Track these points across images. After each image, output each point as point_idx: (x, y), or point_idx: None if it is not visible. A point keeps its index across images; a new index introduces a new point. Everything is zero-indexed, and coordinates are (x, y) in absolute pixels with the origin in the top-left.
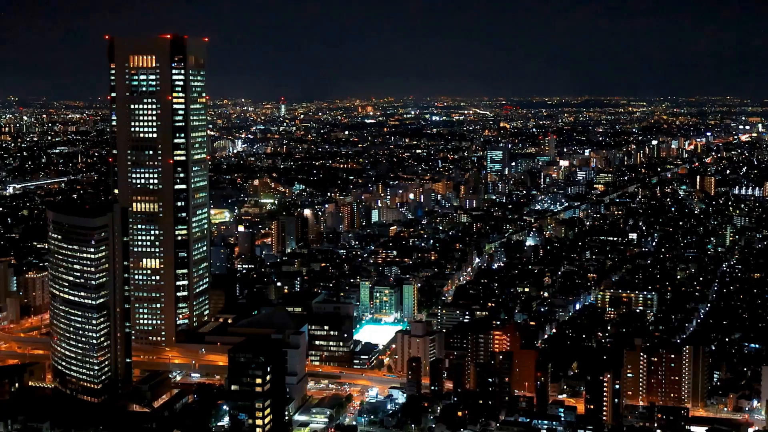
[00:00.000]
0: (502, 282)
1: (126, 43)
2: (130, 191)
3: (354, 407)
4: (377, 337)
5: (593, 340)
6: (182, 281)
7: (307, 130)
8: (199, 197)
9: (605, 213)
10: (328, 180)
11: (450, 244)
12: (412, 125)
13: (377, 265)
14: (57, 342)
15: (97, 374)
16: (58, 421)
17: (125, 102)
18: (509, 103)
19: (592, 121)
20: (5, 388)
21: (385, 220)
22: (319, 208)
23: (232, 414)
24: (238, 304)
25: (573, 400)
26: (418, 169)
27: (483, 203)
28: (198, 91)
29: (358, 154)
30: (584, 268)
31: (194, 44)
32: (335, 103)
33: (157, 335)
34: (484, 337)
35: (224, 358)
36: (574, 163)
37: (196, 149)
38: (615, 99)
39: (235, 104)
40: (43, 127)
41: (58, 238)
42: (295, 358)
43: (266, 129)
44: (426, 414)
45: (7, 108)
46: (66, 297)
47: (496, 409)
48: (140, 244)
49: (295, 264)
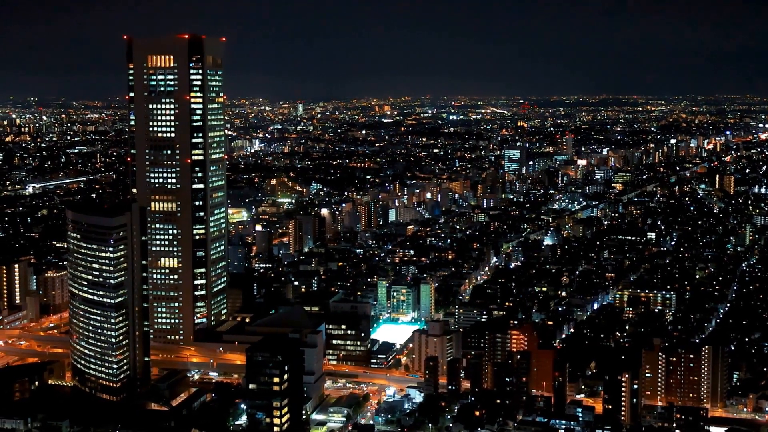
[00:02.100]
0: (519, 281)
1: (144, 43)
2: (149, 191)
3: (371, 406)
4: (394, 337)
5: (611, 339)
6: (200, 280)
7: (325, 129)
8: (217, 196)
9: (623, 212)
10: (345, 179)
11: (467, 243)
12: (430, 124)
13: (394, 264)
14: (76, 340)
15: (115, 373)
16: (77, 420)
17: (143, 102)
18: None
19: (610, 120)
20: (25, 387)
21: (402, 220)
22: (336, 207)
23: (250, 413)
24: (256, 304)
25: (591, 400)
26: (436, 169)
27: (500, 202)
28: (216, 91)
29: (376, 153)
30: (602, 268)
31: (212, 44)
32: (352, 102)
33: (175, 334)
34: (502, 337)
35: (242, 357)
36: (592, 162)
37: (214, 149)
38: (633, 97)
39: (252, 104)
40: (62, 127)
41: (77, 238)
42: (312, 357)
43: (284, 128)
44: (443, 413)
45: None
46: (85, 296)
47: (513, 409)
48: (158, 243)
49: (312, 263)
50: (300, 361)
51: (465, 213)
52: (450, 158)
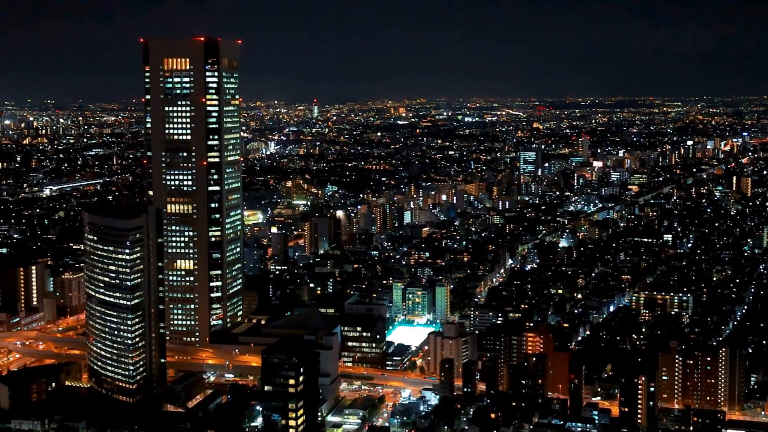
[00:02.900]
0: (535, 283)
1: (160, 46)
2: (165, 193)
3: (387, 408)
4: (410, 339)
5: (628, 342)
6: (216, 282)
7: (340, 131)
8: (233, 199)
9: (640, 214)
10: (360, 181)
11: (483, 245)
12: (445, 126)
13: (410, 266)
14: (93, 342)
15: (132, 374)
16: (94, 421)
17: (160, 104)
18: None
19: (626, 122)
20: (42, 388)
21: (418, 222)
22: (351, 209)
23: (266, 414)
24: (272, 305)
25: (607, 403)
26: (451, 170)
27: (516, 204)
28: (231, 93)
29: (391, 155)
30: (618, 270)
31: (227, 47)
32: (368, 104)
33: (191, 336)
34: (517, 339)
35: (258, 358)
36: (608, 163)
37: (230, 151)
38: (649, 99)
39: (268, 106)
40: (79, 130)
41: (93, 240)
42: (327, 359)
43: (299, 131)
44: (459, 416)
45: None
46: (101, 298)
47: (529, 412)
48: (174, 245)
49: (327, 265)
50: (315, 362)
51: (480, 215)
52: (465, 160)
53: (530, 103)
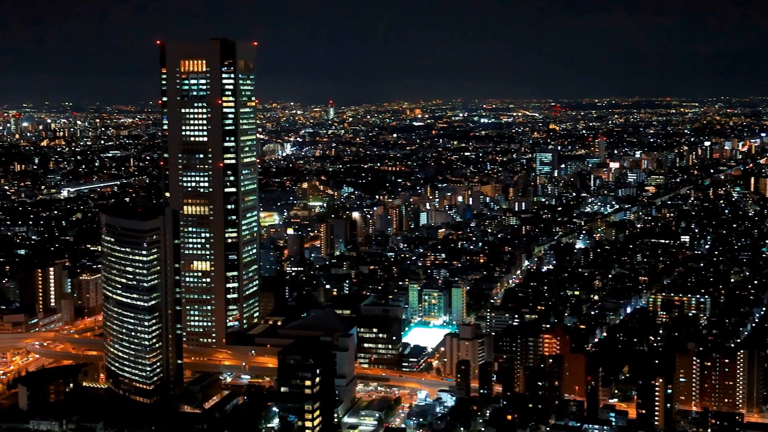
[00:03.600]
0: (551, 285)
1: (177, 48)
2: (181, 194)
3: (403, 410)
4: (426, 340)
5: (645, 344)
6: (232, 284)
7: (356, 133)
8: (249, 200)
9: (657, 215)
10: (376, 183)
11: (499, 246)
12: (461, 127)
13: (426, 267)
14: (110, 343)
15: (149, 375)
16: (112, 421)
17: (176, 106)
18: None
19: (643, 123)
20: (60, 389)
21: (434, 223)
22: (367, 210)
23: (282, 416)
24: (288, 307)
25: (624, 405)
26: (467, 172)
27: (532, 205)
28: (247, 95)
29: (407, 156)
30: (635, 271)
31: (244, 48)
32: (383, 105)
33: (208, 337)
34: (534, 341)
35: (274, 360)
36: (625, 164)
37: (246, 152)
38: (666, 100)
39: (284, 107)
40: (96, 132)
41: (110, 241)
42: (344, 361)
43: (315, 132)
44: (475, 417)
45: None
46: (119, 299)
47: (546, 413)
48: (191, 246)
49: (343, 267)
50: (332, 364)
51: (496, 216)
52: (481, 161)
53: (546, 104)
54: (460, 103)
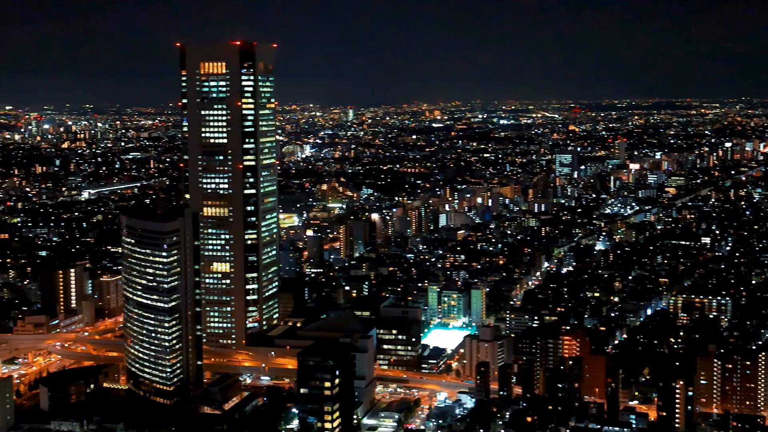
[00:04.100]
0: (571, 286)
1: (197, 50)
2: (201, 196)
3: (422, 411)
4: (445, 342)
5: (665, 346)
6: (252, 285)
7: (375, 134)
8: (268, 202)
9: (677, 217)
10: (395, 184)
11: (518, 248)
12: (480, 129)
13: (445, 269)
14: (130, 344)
15: (169, 376)
16: (132, 422)
17: (196, 108)
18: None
19: (663, 124)
20: (81, 389)
21: (453, 224)
22: (386, 212)
23: (302, 417)
24: (307, 308)
25: (645, 407)
26: (486, 173)
27: (552, 207)
28: (267, 97)
29: (426, 158)
30: (656, 273)
31: (263, 50)
32: (403, 107)
33: (228, 338)
34: (554, 342)
35: (293, 361)
36: (645, 166)
37: (265, 154)
38: (687, 101)
39: (303, 109)
40: (117, 134)
41: (131, 242)
42: (363, 362)
43: (334, 134)
44: (495, 419)
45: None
46: (139, 300)
47: (565, 415)
48: (211, 248)
49: (363, 268)
50: (351, 365)
51: (516, 218)
52: (500, 163)
53: (566, 106)
54: (479, 104)
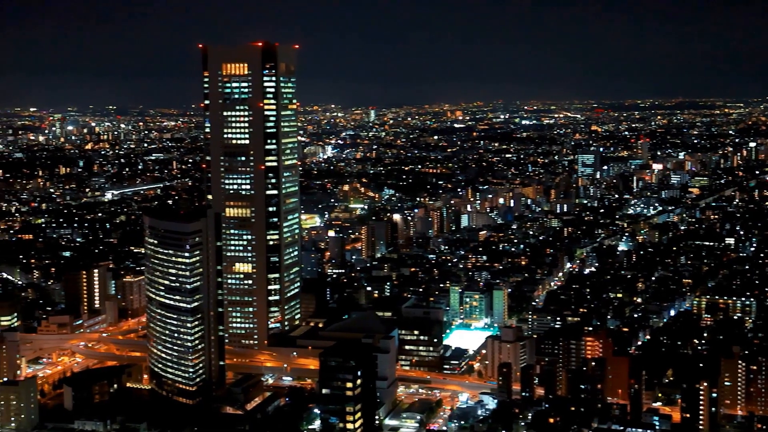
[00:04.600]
0: (594, 287)
1: (219, 51)
2: (223, 197)
3: (444, 412)
4: (467, 342)
5: (689, 347)
6: (274, 285)
7: (397, 135)
8: (290, 202)
9: (701, 217)
10: (417, 185)
11: (540, 248)
12: (502, 129)
13: (467, 269)
14: (153, 344)
15: (191, 376)
16: (155, 422)
17: (218, 109)
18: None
19: (687, 124)
20: (104, 389)
21: (475, 225)
22: (408, 213)
23: (324, 417)
24: (329, 309)
25: (668, 409)
26: (508, 174)
27: (574, 207)
28: (289, 98)
29: (448, 158)
30: (679, 274)
31: (285, 51)
32: (424, 107)
33: (250, 338)
34: (576, 343)
35: (315, 361)
36: (668, 166)
37: (287, 155)
38: (710, 100)
39: (325, 110)
40: (140, 135)
41: (154, 243)
42: (385, 363)
43: (356, 134)
44: (517, 420)
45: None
46: (162, 300)
47: (588, 417)
48: (233, 248)
49: (384, 269)
50: (373, 366)
51: (538, 218)
52: (523, 163)
53: (588, 106)
54: (501, 104)
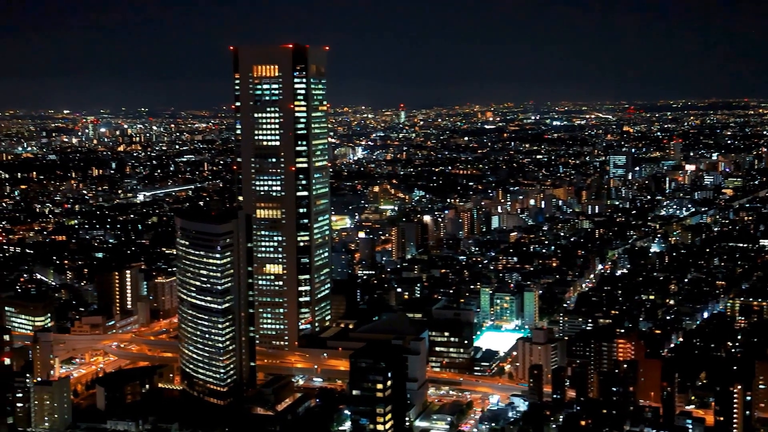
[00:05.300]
0: (625, 289)
1: (250, 53)
2: (254, 198)
3: (475, 414)
4: (498, 344)
5: (722, 349)
6: (304, 287)
7: (427, 136)
8: (321, 204)
9: (734, 218)
10: (447, 186)
11: (572, 250)
12: (532, 130)
13: (497, 271)
14: (185, 345)
15: (222, 377)
16: (186, 423)
17: (249, 111)
18: (632, 106)
19: (720, 124)
20: (136, 390)
21: (506, 226)
22: (438, 214)
23: (354, 419)
24: (359, 310)
25: (701, 412)
26: (539, 175)
27: (606, 209)
28: (319, 99)
29: (478, 159)
30: (712, 276)
31: (315, 53)
32: (455, 109)
33: (280, 340)
34: (608, 346)
35: (346, 363)
36: (701, 167)
37: (318, 156)
38: (744, 100)
39: (355, 111)
40: (171, 137)
41: (185, 244)
42: (415, 364)
43: (386, 136)
44: (548, 423)
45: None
46: (193, 301)
47: (620, 420)
48: (264, 250)
49: (415, 270)
50: (403, 367)
51: (569, 220)
52: (553, 164)
53: (620, 106)
54: (531, 105)
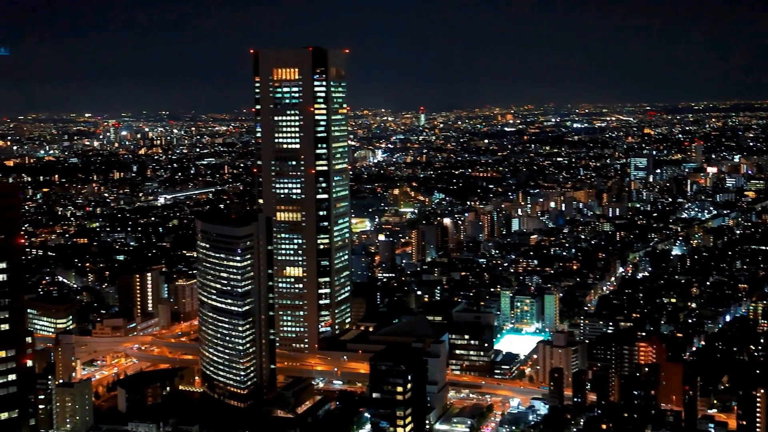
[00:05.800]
0: (647, 292)
1: (270, 56)
2: (274, 201)
3: (495, 417)
4: (518, 347)
5: (745, 353)
6: (324, 289)
7: (447, 139)
8: (341, 206)
9: (757, 221)
10: (467, 189)
11: (592, 253)
12: (553, 133)
13: (518, 274)
14: (205, 347)
15: (243, 380)
16: (207, 425)
17: (269, 114)
18: (653, 108)
19: (742, 126)
20: (157, 392)
21: (526, 229)
22: (458, 216)
23: (374, 422)
24: (379, 313)
25: (724, 416)
26: (559, 177)
27: (626, 211)
28: (339, 102)
29: (498, 162)
30: (735, 279)
31: (335, 56)
32: (474, 111)
33: (300, 342)
34: (629, 349)
35: (366, 365)
36: (723, 169)
37: (338, 159)
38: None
39: (375, 114)
40: (192, 140)
41: (206, 247)
42: (435, 367)
43: (406, 138)
44: (569, 426)
45: (159, 121)
46: (214, 304)
47: (641, 423)
48: (284, 252)
49: (435, 273)
50: (423, 370)
51: (590, 222)
52: (574, 167)
53: (641, 108)
54: (552, 108)
